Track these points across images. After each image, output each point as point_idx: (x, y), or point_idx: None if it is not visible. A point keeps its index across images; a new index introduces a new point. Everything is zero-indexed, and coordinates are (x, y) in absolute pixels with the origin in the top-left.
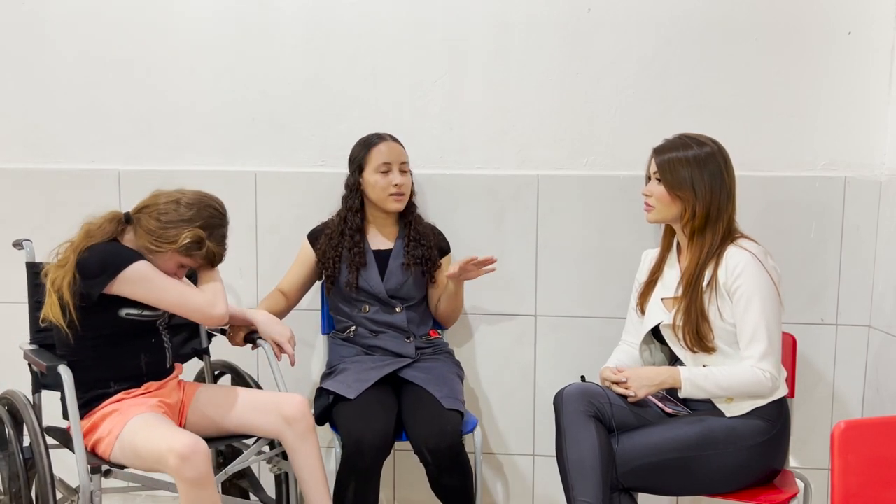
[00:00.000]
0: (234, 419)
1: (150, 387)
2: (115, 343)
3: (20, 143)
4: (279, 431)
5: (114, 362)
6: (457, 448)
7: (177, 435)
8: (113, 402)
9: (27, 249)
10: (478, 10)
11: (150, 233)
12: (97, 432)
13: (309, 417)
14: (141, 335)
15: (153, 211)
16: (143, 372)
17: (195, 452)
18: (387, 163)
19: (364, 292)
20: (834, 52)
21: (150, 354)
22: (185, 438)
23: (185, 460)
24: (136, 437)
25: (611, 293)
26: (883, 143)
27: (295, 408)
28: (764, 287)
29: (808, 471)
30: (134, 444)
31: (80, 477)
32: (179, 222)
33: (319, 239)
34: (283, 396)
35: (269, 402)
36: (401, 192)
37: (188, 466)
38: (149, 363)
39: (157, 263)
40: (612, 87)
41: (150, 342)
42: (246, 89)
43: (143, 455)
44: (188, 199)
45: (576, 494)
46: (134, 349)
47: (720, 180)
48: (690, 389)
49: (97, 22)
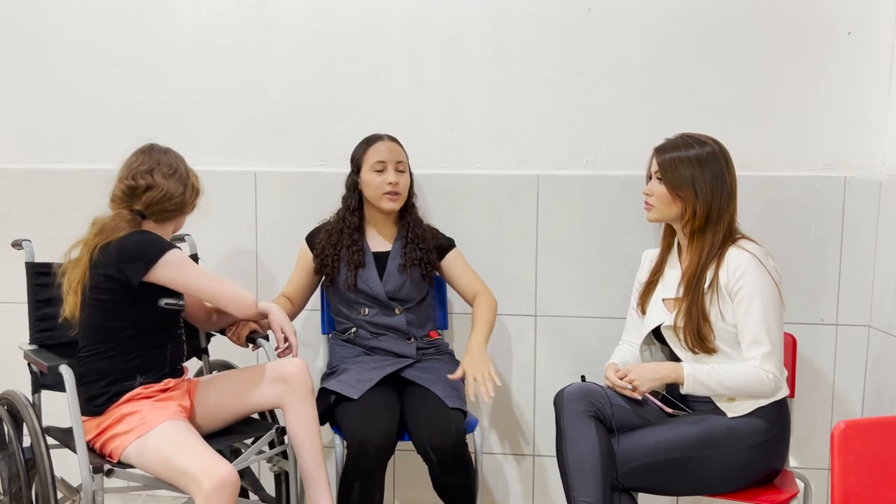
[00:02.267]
0: (238, 401)
1: (168, 384)
2: (147, 333)
3: (20, 143)
4: (281, 396)
5: (142, 352)
6: (461, 447)
7: (217, 459)
8: (133, 399)
9: (27, 249)
10: (478, 9)
11: (167, 213)
12: (114, 429)
13: (308, 380)
14: (168, 326)
15: (159, 195)
16: (166, 362)
17: (233, 483)
18: (382, 161)
19: (363, 294)
20: (834, 51)
21: (174, 344)
22: (224, 465)
23: (223, 486)
24: (170, 446)
25: (611, 293)
26: (883, 143)
27: (295, 368)
28: (765, 288)
29: (808, 471)
30: (164, 452)
31: (82, 477)
32: (180, 187)
33: (317, 239)
34: (281, 362)
35: (268, 370)
36: (395, 191)
37: (222, 495)
38: (172, 353)
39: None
40: (612, 86)
41: (176, 332)
42: (246, 89)
43: (173, 465)
44: (162, 168)
45: (576, 494)
46: (162, 339)
47: (721, 180)
48: (693, 386)
49: (97, 22)
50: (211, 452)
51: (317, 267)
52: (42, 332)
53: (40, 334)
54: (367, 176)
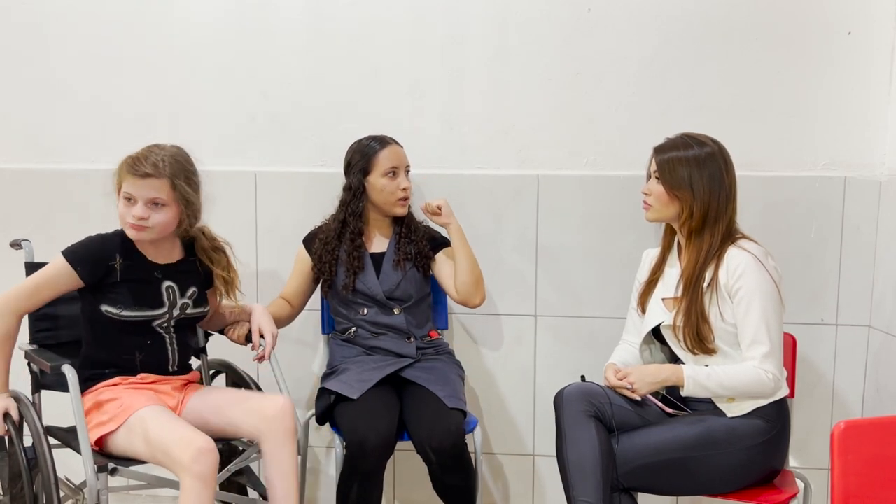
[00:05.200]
0: (222, 420)
1: (146, 378)
2: (105, 336)
3: (20, 143)
4: (259, 432)
5: (109, 353)
6: (460, 447)
7: (194, 431)
8: (109, 385)
9: (26, 249)
10: (478, 9)
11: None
12: (95, 417)
13: (290, 421)
14: (134, 334)
15: (197, 208)
16: (136, 369)
17: (210, 451)
18: (395, 167)
19: (361, 294)
20: (834, 52)
21: (145, 354)
22: (202, 436)
23: (199, 454)
24: (149, 425)
25: (611, 293)
26: (883, 143)
27: (276, 408)
28: (765, 288)
29: (808, 471)
30: (145, 431)
31: (87, 475)
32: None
33: (314, 244)
34: (266, 398)
35: (253, 403)
36: (407, 196)
37: (200, 462)
38: (145, 362)
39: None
40: (612, 87)
41: (146, 343)
42: (246, 89)
43: (153, 442)
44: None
45: (576, 494)
46: (128, 345)
47: (719, 181)
48: (693, 388)
49: (97, 22)
50: (188, 428)
51: (315, 274)
52: (42, 332)
53: (40, 334)
54: (379, 181)
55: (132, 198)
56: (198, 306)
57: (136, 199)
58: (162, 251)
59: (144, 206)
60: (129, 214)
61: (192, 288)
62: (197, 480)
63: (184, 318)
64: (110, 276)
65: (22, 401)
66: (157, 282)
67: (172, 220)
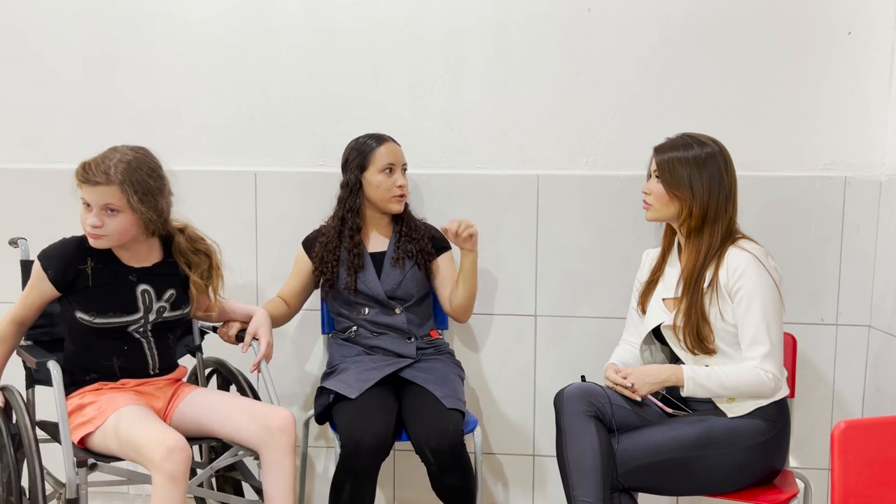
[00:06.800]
0: (220, 423)
1: (127, 383)
2: (83, 341)
3: (20, 143)
4: (261, 443)
5: (88, 357)
6: (458, 447)
7: (166, 430)
8: (91, 390)
9: (22, 248)
10: (478, 9)
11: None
12: (75, 418)
13: (293, 435)
14: (111, 339)
15: (159, 211)
16: (116, 374)
17: (181, 449)
18: (391, 164)
19: (362, 294)
20: (834, 52)
21: (123, 359)
22: (173, 434)
23: (170, 452)
24: (122, 425)
25: (611, 293)
26: (883, 143)
27: (281, 420)
28: (765, 288)
29: (808, 471)
30: (118, 431)
31: (67, 470)
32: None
33: (314, 246)
34: (272, 408)
35: (256, 411)
36: (403, 193)
37: (170, 460)
38: (123, 367)
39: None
40: (612, 86)
41: (123, 348)
42: (246, 89)
43: (125, 441)
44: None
45: (576, 494)
46: (105, 350)
47: (719, 182)
48: (693, 388)
49: (97, 21)
50: (162, 426)
51: (316, 276)
52: (37, 328)
53: (35, 331)
54: (376, 177)
55: (89, 204)
56: (176, 309)
57: (92, 206)
58: (137, 254)
59: (99, 214)
60: (86, 222)
61: (171, 290)
62: (167, 478)
63: (161, 322)
64: (81, 281)
65: (9, 389)
66: (131, 286)
67: (130, 225)
